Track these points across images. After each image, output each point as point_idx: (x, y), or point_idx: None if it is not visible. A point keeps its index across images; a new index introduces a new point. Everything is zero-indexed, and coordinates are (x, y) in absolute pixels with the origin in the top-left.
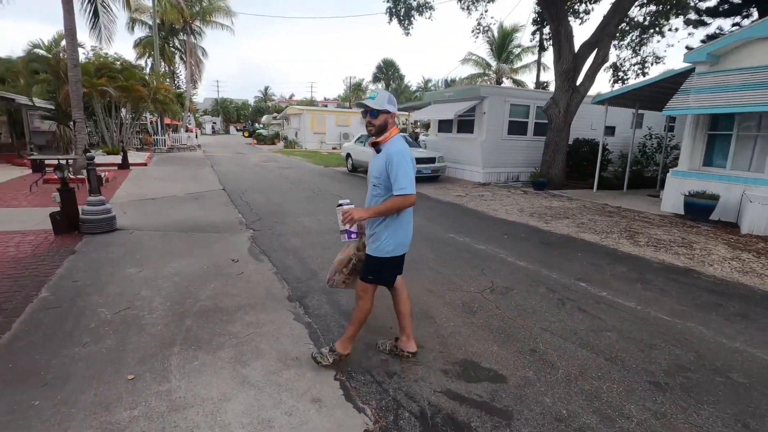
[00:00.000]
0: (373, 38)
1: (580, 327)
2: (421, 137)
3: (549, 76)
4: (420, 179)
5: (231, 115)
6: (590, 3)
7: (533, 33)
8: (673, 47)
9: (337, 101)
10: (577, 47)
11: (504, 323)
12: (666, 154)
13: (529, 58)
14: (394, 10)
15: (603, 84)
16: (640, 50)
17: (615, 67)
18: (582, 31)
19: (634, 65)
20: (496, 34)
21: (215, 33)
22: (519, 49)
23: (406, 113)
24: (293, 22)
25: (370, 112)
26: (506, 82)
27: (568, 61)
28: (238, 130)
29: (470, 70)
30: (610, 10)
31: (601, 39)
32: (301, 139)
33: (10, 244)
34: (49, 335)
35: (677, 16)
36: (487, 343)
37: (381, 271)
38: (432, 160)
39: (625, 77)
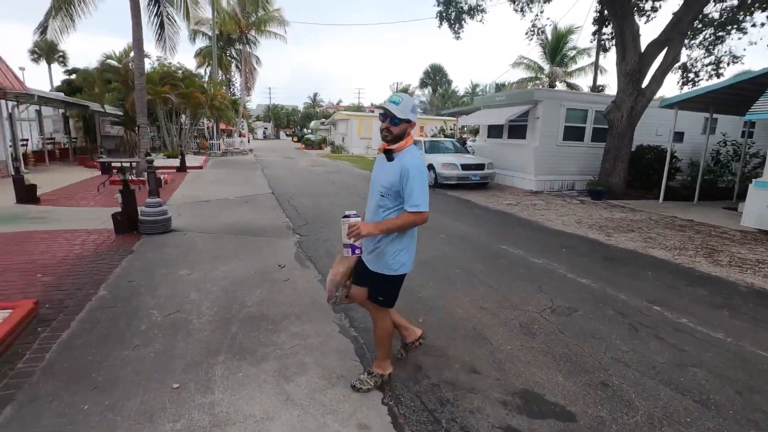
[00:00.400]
0: (419, 43)
1: (659, 359)
2: (468, 142)
3: (606, 79)
4: (468, 186)
5: (281, 120)
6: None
7: (594, 33)
8: (755, 45)
9: None
10: (643, 47)
11: (569, 350)
12: (744, 163)
13: (585, 60)
14: (444, 14)
15: (666, 87)
16: (714, 49)
17: (684, 68)
18: (646, 31)
19: (706, 66)
20: (549, 36)
21: (269, 42)
22: (574, 52)
23: (454, 118)
24: (342, 29)
25: (391, 118)
26: (559, 86)
27: (634, 62)
28: (287, 135)
29: (521, 74)
30: (682, 6)
31: (672, 37)
32: (348, 144)
33: (76, 243)
34: (103, 335)
35: (764, 10)
36: (551, 371)
37: (394, 289)
38: (481, 166)
39: (696, 79)
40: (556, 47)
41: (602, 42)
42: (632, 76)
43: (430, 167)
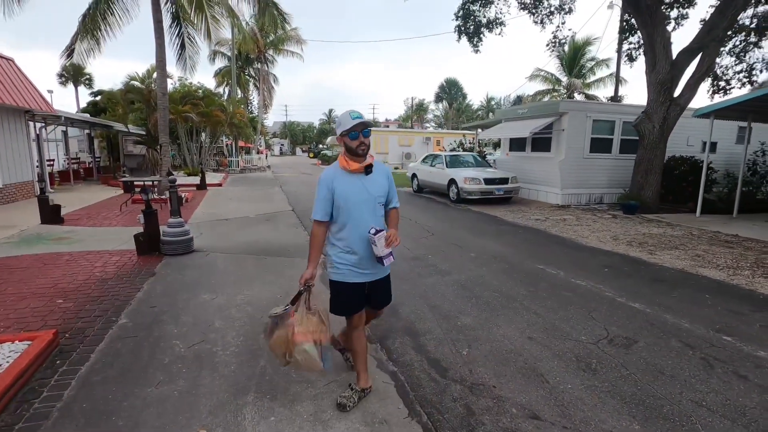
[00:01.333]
0: (433, 58)
1: (747, 403)
2: (488, 157)
3: (626, 89)
4: (491, 201)
5: (297, 137)
6: (685, 7)
7: (620, 43)
8: None
9: (398, 122)
10: (674, 55)
11: (638, 390)
12: None
13: (603, 71)
14: (463, 28)
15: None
16: (745, 56)
17: (715, 76)
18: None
19: (738, 73)
20: (566, 48)
21: (285, 60)
22: (592, 63)
23: (473, 132)
24: (356, 46)
25: (362, 132)
26: (578, 98)
27: (665, 71)
28: (303, 151)
29: (537, 86)
30: (716, 11)
31: (706, 45)
32: None
33: (97, 264)
34: (124, 370)
35: None
36: (623, 417)
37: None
38: (505, 180)
39: (727, 87)
40: (574, 59)
41: (629, 51)
42: (663, 85)
43: (452, 182)
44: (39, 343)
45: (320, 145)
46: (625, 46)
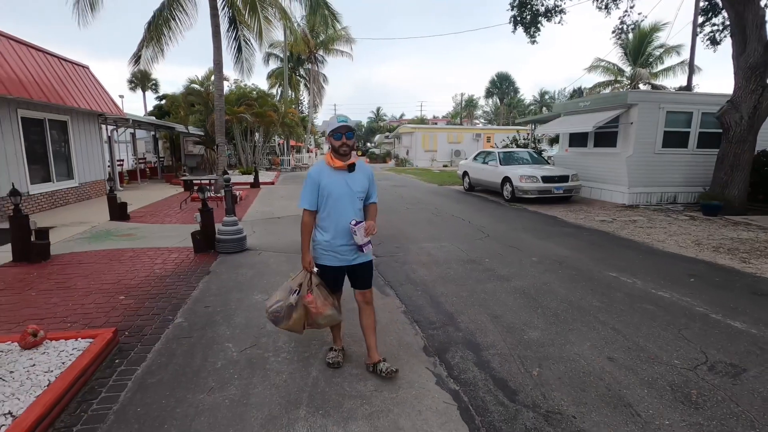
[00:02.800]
0: (481, 53)
1: None
2: (543, 153)
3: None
4: (550, 199)
5: None
6: None
7: (695, 25)
8: None
9: (446, 119)
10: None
11: None
12: None
13: (672, 60)
14: (519, 18)
15: None
16: None
17: None
18: None
19: None
20: (630, 35)
21: (335, 59)
22: (660, 50)
23: (526, 128)
24: (404, 42)
25: (346, 134)
26: (643, 88)
27: (757, 54)
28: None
29: (597, 78)
30: None
31: None
32: (412, 157)
33: (157, 261)
34: (178, 373)
35: None
36: None
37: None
38: (565, 178)
39: None
40: (639, 47)
41: (711, 34)
42: (755, 70)
43: (506, 180)
44: (100, 341)
45: (368, 144)
46: (707, 29)
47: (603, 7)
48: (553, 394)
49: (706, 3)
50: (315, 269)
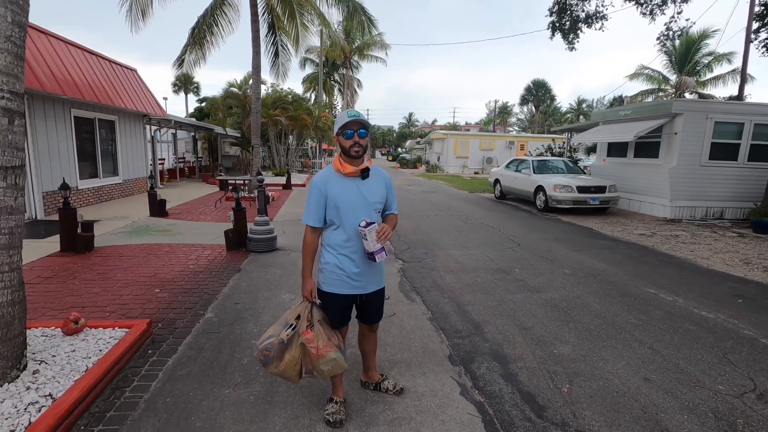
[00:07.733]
0: (515, 60)
1: None
2: (579, 163)
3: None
4: (585, 210)
5: (377, 140)
6: None
7: (755, 31)
8: None
9: (479, 125)
10: None
11: None
12: None
13: (722, 68)
14: (558, 24)
15: None
16: None
17: None
18: None
19: None
20: (677, 43)
21: (369, 65)
22: (709, 58)
23: (562, 136)
24: (437, 48)
25: (358, 132)
26: (689, 98)
27: None
28: (382, 154)
29: (639, 86)
30: None
31: None
32: (443, 163)
33: (192, 257)
34: (206, 366)
35: None
36: None
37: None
38: (602, 189)
39: None
40: (686, 54)
41: (766, 41)
42: None
43: (539, 189)
44: (135, 331)
45: (399, 149)
46: (762, 35)
47: (648, 13)
48: (584, 413)
49: (762, 8)
50: (317, 300)
